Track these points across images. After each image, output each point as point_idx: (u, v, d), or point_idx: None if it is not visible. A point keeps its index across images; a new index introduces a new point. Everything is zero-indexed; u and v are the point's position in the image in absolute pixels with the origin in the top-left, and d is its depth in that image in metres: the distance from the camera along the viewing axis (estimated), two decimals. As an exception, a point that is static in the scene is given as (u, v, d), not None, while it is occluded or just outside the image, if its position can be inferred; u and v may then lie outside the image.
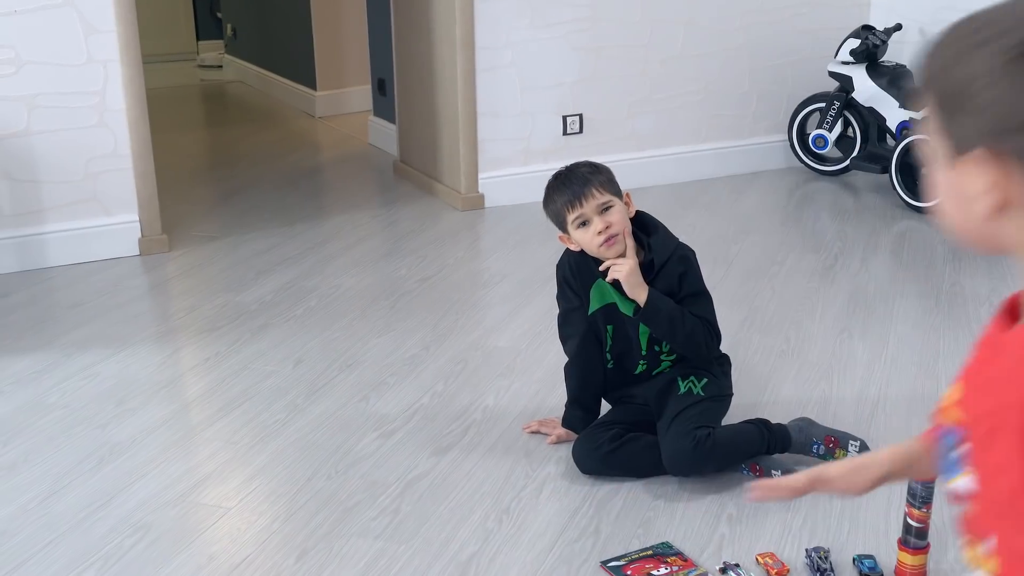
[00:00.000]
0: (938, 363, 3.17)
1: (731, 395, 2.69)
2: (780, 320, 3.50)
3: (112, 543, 2.36)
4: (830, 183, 5.08)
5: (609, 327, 2.61)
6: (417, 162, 5.20)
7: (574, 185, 2.51)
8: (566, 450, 2.67)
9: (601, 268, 2.53)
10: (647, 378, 2.66)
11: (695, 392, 2.59)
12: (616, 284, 2.53)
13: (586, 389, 2.69)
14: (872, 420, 2.83)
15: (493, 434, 2.81)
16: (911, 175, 4.60)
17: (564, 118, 4.86)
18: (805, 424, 2.63)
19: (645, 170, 5.04)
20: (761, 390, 3.01)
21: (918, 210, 4.55)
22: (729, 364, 2.72)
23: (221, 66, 8.84)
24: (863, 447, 2.58)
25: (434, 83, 4.88)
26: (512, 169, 4.79)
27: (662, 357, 2.63)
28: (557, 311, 2.72)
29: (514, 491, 2.54)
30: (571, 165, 2.58)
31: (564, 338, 2.69)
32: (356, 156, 5.88)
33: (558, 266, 2.65)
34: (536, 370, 3.17)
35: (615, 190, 2.54)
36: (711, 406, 2.58)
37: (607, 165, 2.61)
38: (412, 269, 4.05)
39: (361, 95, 6.57)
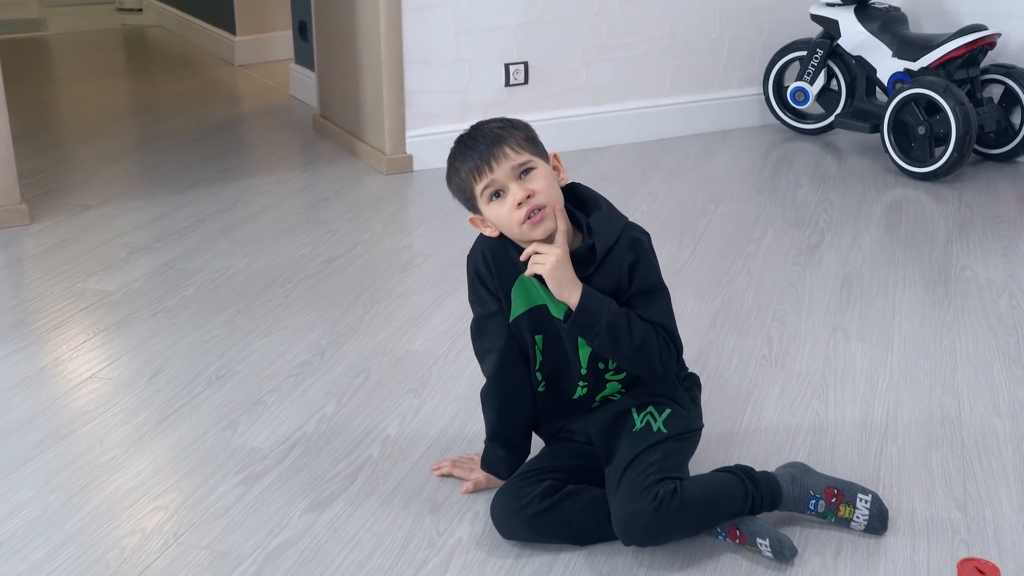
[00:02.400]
0: (957, 373, 2.54)
1: (701, 428, 2.05)
2: (760, 315, 2.86)
3: None
4: (811, 143, 4.43)
5: (538, 337, 1.97)
6: (338, 117, 4.50)
7: (480, 146, 1.86)
8: (486, 502, 2.03)
9: (522, 257, 1.88)
10: (589, 406, 2.02)
11: (655, 428, 1.95)
12: (541, 280, 1.88)
13: (510, 422, 2.04)
14: (881, 456, 2.21)
15: (392, 478, 2.16)
16: (905, 135, 3.97)
17: (507, 67, 4.18)
18: (799, 472, 1.99)
19: (600, 128, 4.37)
20: (737, 414, 2.37)
21: (914, 175, 3.92)
22: (699, 387, 2.08)
23: (141, 9, 8.12)
24: (875, 502, 1.96)
25: (355, 25, 4.18)
26: (445, 126, 4.10)
27: (608, 377, 1.98)
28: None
29: (412, 567, 1.89)
30: (477, 123, 1.92)
31: (480, 354, 2.04)
32: (274, 110, 5.17)
33: (469, 258, 2.00)
34: (456, 383, 2.52)
35: (538, 150, 1.89)
36: (676, 447, 1.94)
37: (561, 122, 1.97)
38: (318, 247, 3.38)
39: (285, 41, 5.84)
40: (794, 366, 2.59)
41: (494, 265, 1.94)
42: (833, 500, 1.95)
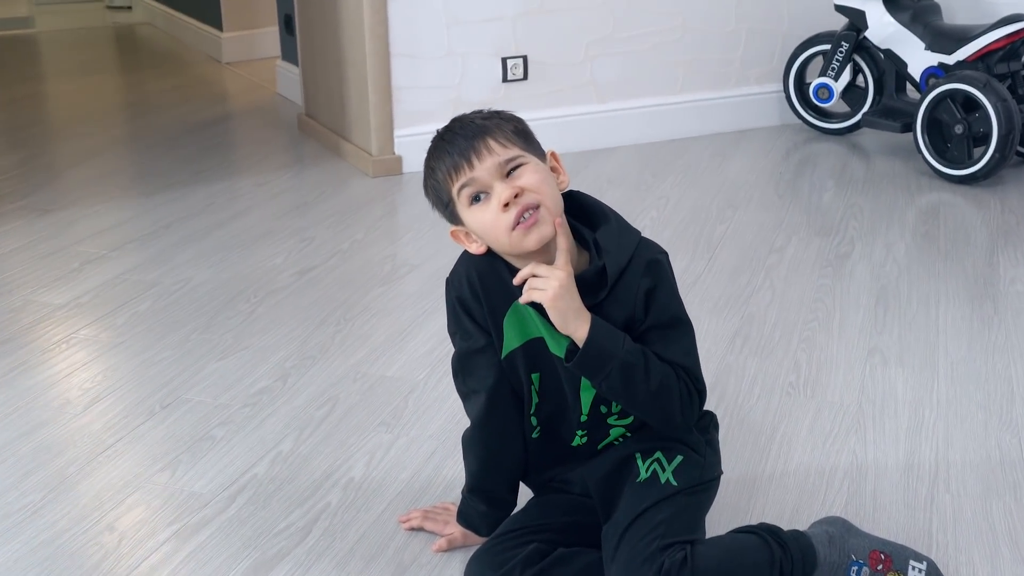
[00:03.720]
0: (1015, 405, 2.20)
1: (719, 476, 1.71)
2: (785, 335, 2.52)
3: None
4: (835, 144, 4.09)
5: (534, 376, 1.63)
6: (323, 116, 4.18)
7: (459, 140, 1.53)
8: (461, 563, 1.69)
9: (515, 281, 1.54)
10: (590, 455, 1.68)
11: (663, 479, 1.61)
12: (540, 308, 1.54)
13: (495, 474, 1.70)
14: (932, 506, 1.87)
15: (352, 532, 1.82)
16: (940, 135, 3.62)
17: (504, 61, 3.85)
18: (838, 531, 1.65)
19: (606, 127, 4.04)
20: (761, 454, 2.03)
21: (950, 179, 3.58)
22: (716, 427, 1.74)
23: (130, 7, 7.85)
24: (931, 571, 1.62)
25: (338, 15, 3.85)
26: (437, 125, 3.71)
27: (612, 422, 1.65)
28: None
29: (367, 648, 1.56)
30: (458, 116, 1.59)
31: (464, 394, 1.70)
32: (258, 109, 4.85)
33: (449, 282, 1.65)
34: (435, 416, 2.19)
35: (531, 147, 1.56)
36: (689, 504, 1.60)
37: (563, 121, 1.64)
38: (292, 256, 3.05)
39: (274, 37, 5.51)
40: (826, 395, 2.24)
41: (482, 291, 1.60)
42: (880, 567, 1.61)
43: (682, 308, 1.59)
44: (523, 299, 1.52)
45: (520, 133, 1.56)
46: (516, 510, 1.72)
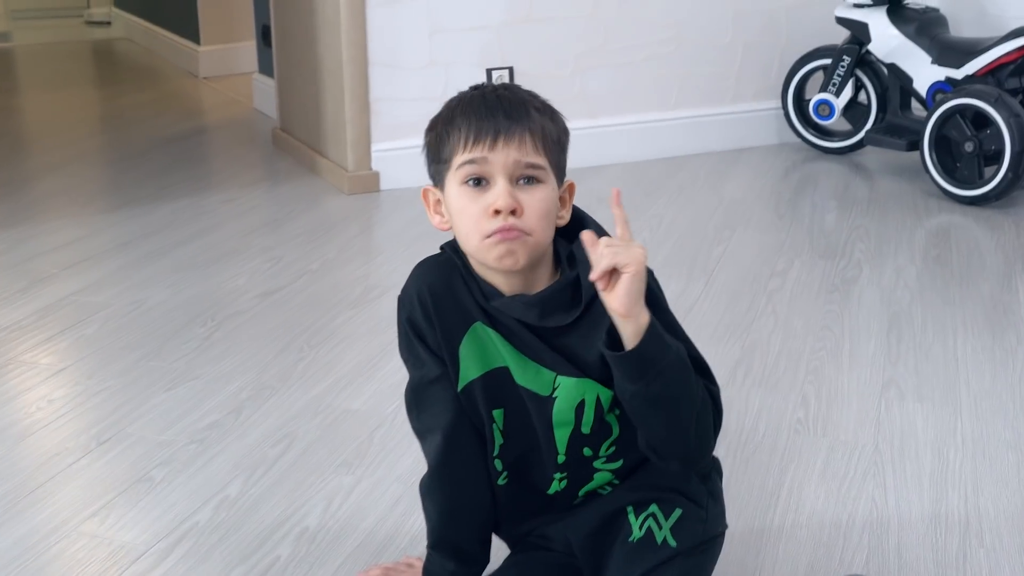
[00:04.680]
0: (1048, 446, 1.98)
1: (724, 531, 1.48)
2: (791, 366, 2.30)
3: None
4: (836, 163, 3.88)
5: (497, 413, 1.40)
6: (299, 130, 3.96)
7: (499, 111, 1.30)
8: (426, 630, 1.46)
9: (592, 276, 1.26)
10: (570, 503, 1.45)
11: (659, 538, 1.38)
12: (505, 331, 1.33)
13: (460, 525, 1.46)
14: (965, 564, 1.64)
15: (302, 592, 1.59)
16: (949, 153, 3.42)
17: (488, 72, 3.64)
18: (862, 595, 1.43)
19: (596, 144, 3.82)
20: (768, 502, 1.81)
21: (960, 199, 3.37)
22: (719, 472, 1.51)
23: (109, 22, 7.65)
24: (972, 644, 1.40)
25: (315, 23, 3.64)
26: (417, 140, 3.49)
27: (599, 465, 1.42)
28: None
29: None
30: (509, 83, 1.39)
31: (419, 433, 1.47)
32: (233, 123, 4.63)
33: (401, 301, 1.43)
34: (403, 455, 1.96)
35: (559, 165, 1.35)
36: (690, 567, 1.37)
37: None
38: (256, 277, 2.82)
39: (253, 52, 5.31)
40: (838, 434, 2.02)
41: (435, 311, 1.38)
42: (913, 640, 1.39)
43: (678, 326, 1.37)
44: (597, 271, 1.23)
45: (560, 147, 1.35)
46: (490, 570, 1.49)
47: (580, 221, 1.38)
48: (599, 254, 1.24)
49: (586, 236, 1.26)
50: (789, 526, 1.73)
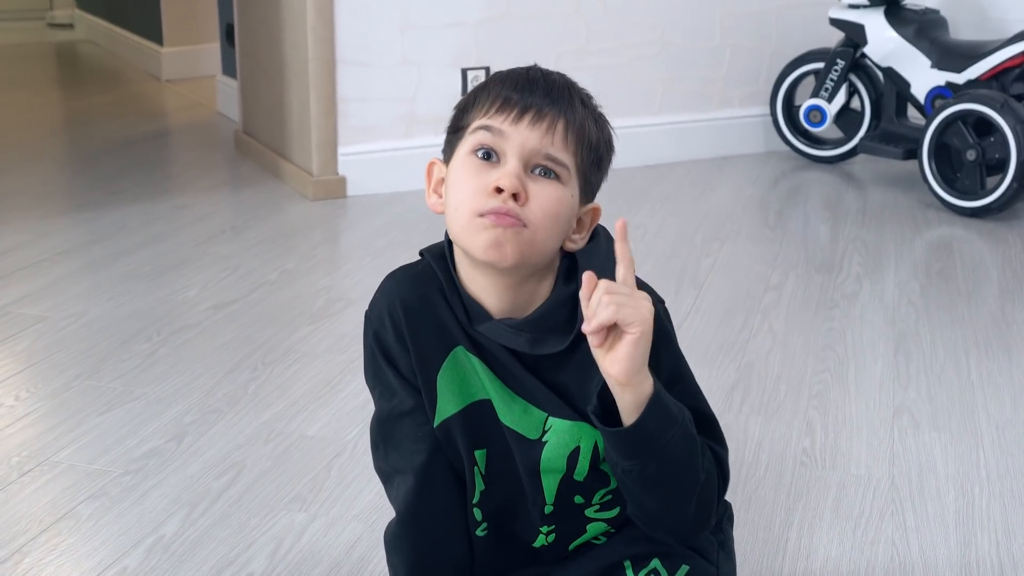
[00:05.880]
0: (1081, 481, 1.79)
1: (733, 584, 1.28)
2: (792, 389, 2.10)
3: None
4: (827, 173, 3.70)
5: (479, 454, 1.19)
6: (262, 133, 3.74)
7: (539, 91, 1.11)
8: None
9: (588, 296, 1.05)
10: (560, 556, 1.24)
11: (662, 597, 1.17)
12: (490, 360, 1.12)
13: (430, 581, 1.25)
14: (1002, 620, 1.44)
15: (241, 655, 1.37)
16: (949, 162, 3.24)
17: (464, 72, 3.43)
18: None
19: (577, 150, 3.62)
20: (776, 545, 1.60)
21: (960, 211, 3.19)
22: (730, 520, 1.30)
23: (72, 25, 7.41)
24: None
25: (280, 22, 3.43)
26: (387, 143, 3.34)
27: (592, 515, 1.21)
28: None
29: None
30: (564, 75, 1.16)
31: (385, 475, 1.26)
32: (194, 127, 4.40)
33: (368, 317, 1.21)
34: (365, 489, 1.74)
35: (584, 177, 1.14)
36: (698, 631, 1.17)
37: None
38: (209, 288, 2.60)
39: (218, 54, 5.09)
40: (849, 467, 1.82)
41: (410, 332, 1.17)
42: None
43: (689, 374, 1.16)
44: (593, 325, 1.03)
45: (595, 155, 1.14)
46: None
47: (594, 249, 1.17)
48: (596, 301, 1.03)
49: (588, 278, 1.05)
50: (800, 575, 1.53)
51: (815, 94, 3.65)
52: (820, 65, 3.66)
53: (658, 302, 1.14)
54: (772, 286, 2.64)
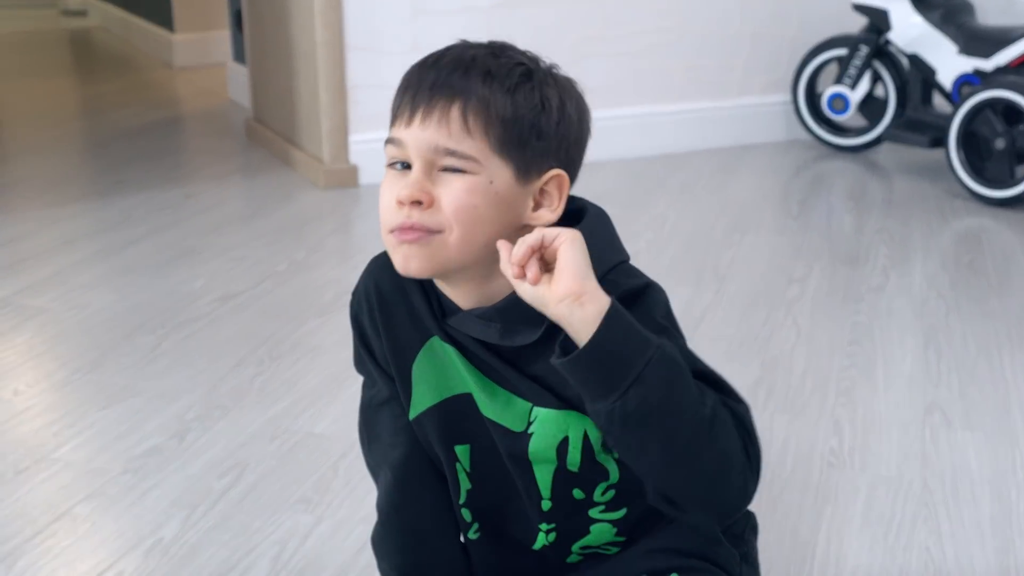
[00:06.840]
0: (1123, 485, 1.70)
1: (760, 598, 1.20)
2: (818, 386, 2.02)
3: None
4: (850, 161, 3.61)
5: (461, 449, 1.12)
6: (273, 120, 3.67)
7: (430, 77, 1.01)
8: None
9: (512, 259, 0.96)
10: (563, 560, 1.16)
11: (683, 612, 1.09)
12: (467, 352, 1.05)
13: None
14: (1045, 634, 1.37)
15: (240, 667, 1.30)
16: (977, 151, 3.15)
17: (477, 59, 3.35)
18: None
19: (593, 139, 3.54)
20: (803, 551, 1.52)
21: (989, 201, 3.10)
22: (754, 531, 1.22)
23: (85, 12, 7.37)
24: None
25: (287, 6, 3.36)
26: None
27: (595, 514, 1.13)
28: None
29: None
30: (498, 47, 1.06)
31: (371, 469, 1.21)
32: (206, 114, 4.34)
33: (355, 294, 1.15)
34: (372, 491, 1.65)
35: (509, 153, 1.02)
36: (723, 651, 1.09)
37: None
38: (215, 279, 2.53)
39: (228, 40, 5.03)
40: (879, 468, 1.74)
41: (383, 319, 1.10)
42: None
43: (694, 356, 1.06)
44: (516, 258, 0.95)
45: (516, 130, 1.02)
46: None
47: (575, 212, 1.09)
48: (510, 250, 0.95)
49: (502, 245, 0.97)
50: (829, 584, 1.45)
51: (838, 81, 3.55)
52: (843, 52, 3.56)
53: (648, 284, 1.05)
54: (796, 279, 2.56)
